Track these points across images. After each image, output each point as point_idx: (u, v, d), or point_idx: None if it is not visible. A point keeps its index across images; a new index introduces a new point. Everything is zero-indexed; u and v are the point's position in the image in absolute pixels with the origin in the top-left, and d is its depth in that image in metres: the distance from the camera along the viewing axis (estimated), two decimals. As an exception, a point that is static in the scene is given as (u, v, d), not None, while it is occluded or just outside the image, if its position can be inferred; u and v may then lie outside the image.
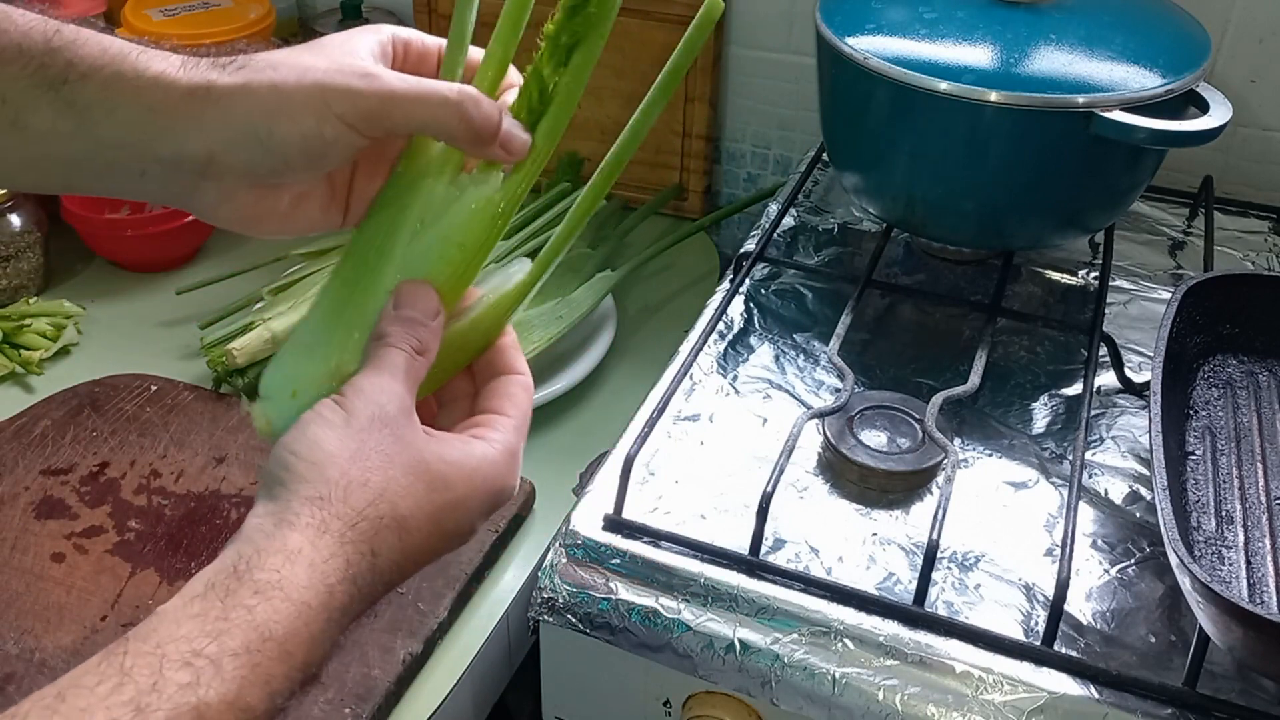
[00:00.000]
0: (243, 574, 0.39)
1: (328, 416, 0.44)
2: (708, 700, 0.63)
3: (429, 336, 0.47)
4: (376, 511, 0.42)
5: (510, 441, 0.48)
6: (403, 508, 0.43)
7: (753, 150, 1.10)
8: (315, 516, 0.41)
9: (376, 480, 0.43)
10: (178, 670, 0.37)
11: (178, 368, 0.89)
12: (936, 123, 0.75)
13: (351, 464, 0.43)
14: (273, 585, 0.39)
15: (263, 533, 0.41)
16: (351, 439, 0.43)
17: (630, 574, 0.63)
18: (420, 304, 0.47)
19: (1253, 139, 0.95)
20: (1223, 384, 0.73)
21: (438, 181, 0.48)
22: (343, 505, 0.42)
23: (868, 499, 0.68)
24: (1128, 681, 0.57)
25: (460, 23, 0.49)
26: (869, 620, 0.60)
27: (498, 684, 0.73)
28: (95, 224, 1.00)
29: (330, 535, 0.41)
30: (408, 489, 0.43)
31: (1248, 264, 0.89)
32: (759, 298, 0.85)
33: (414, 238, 0.48)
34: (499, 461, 0.47)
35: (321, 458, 0.42)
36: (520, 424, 0.49)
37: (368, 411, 0.44)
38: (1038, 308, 0.85)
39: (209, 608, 0.38)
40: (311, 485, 0.42)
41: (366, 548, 0.42)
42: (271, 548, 0.40)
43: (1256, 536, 0.62)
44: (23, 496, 0.76)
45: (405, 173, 0.48)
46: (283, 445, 0.44)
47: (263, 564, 0.40)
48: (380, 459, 0.43)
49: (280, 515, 0.41)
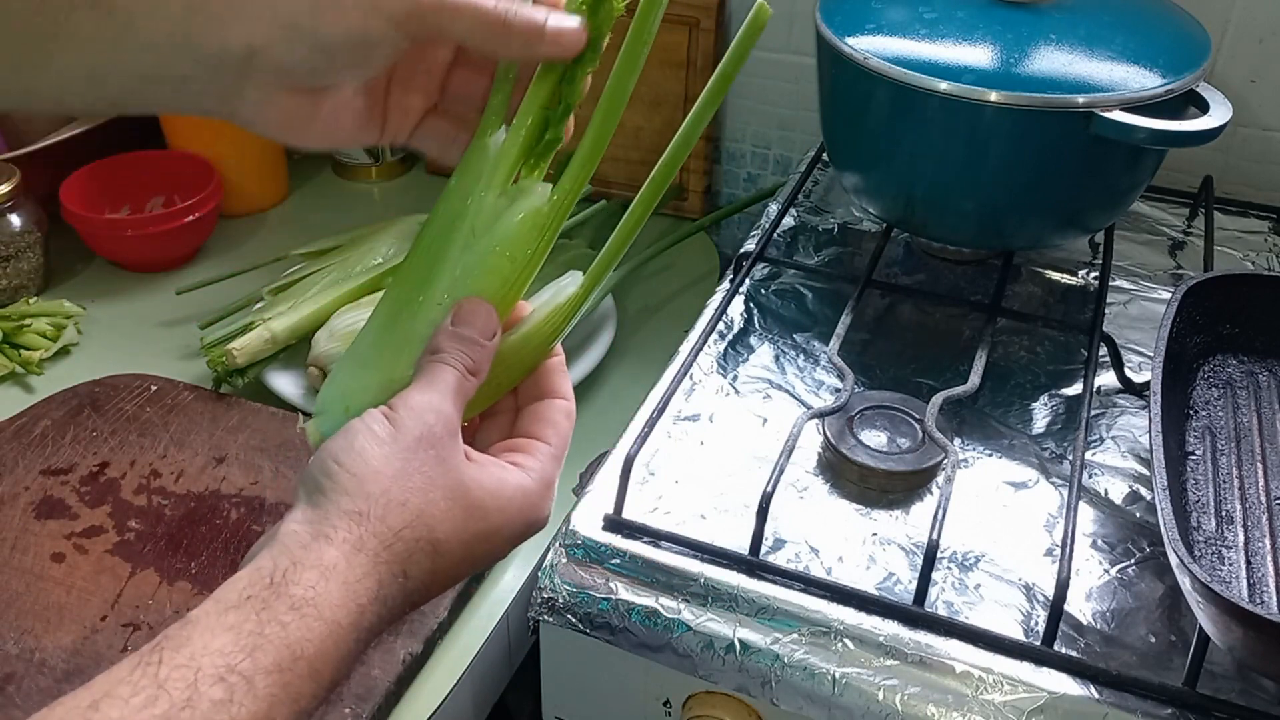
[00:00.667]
0: (279, 586, 0.39)
1: (375, 430, 0.44)
2: (708, 700, 0.63)
3: (483, 357, 0.47)
4: (413, 534, 0.42)
5: (548, 472, 0.48)
6: (439, 532, 0.43)
7: (753, 150, 1.10)
8: (352, 532, 0.41)
9: (416, 501, 0.43)
10: (212, 685, 0.37)
11: (178, 368, 0.89)
12: (936, 123, 0.75)
13: (394, 482, 0.42)
14: (308, 602, 0.39)
15: (299, 543, 0.41)
16: (397, 456, 0.43)
17: (630, 574, 0.63)
18: (479, 322, 0.47)
19: (1253, 139, 0.95)
20: (1223, 384, 0.73)
21: (487, 193, 0.47)
22: (380, 524, 0.42)
23: (868, 499, 0.68)
24: (1128, 681, 0.57)
25: None
26: (869, 620, 0.60)
27: (498, 684, 0.73)
28: (95, 224, 1.00)
29: (365, 554, 0.41)
30: (446, 513, 0.43)
31: (1248, 264, 0.89)
32: (759, 298, 0.85)
33: (465, 250, 0.47)
34: (534, 493, 0.47)
35: (365, 472, 0.42)
36: (559, 452, 0.49)
37: (416, 430, 0.44)
38: (1038, 308, 0.85)
39: (244, 620, 0.38)
40: (352, 499, 0.42)
41: (399, 569, 0.42)
42: (308, 560, 0.40)
43: (1256, 536, 0.62)
44: (23, 496, 0.76)
45: (457, 185, 0.48)
46: (328, 451, 0.43)
47: (299, 578, 0.40)
48: (422, 480, 0.43)
49: (318, 526, 0.41)
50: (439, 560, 0.43)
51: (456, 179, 0.48)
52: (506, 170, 0.48)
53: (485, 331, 0.47)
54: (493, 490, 0.45)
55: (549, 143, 0.48)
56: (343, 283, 0.89)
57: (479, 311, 0.47)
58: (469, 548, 0.44)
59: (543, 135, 0.48)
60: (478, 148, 0.48)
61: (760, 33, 0.47)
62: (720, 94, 0.48)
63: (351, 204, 1.15)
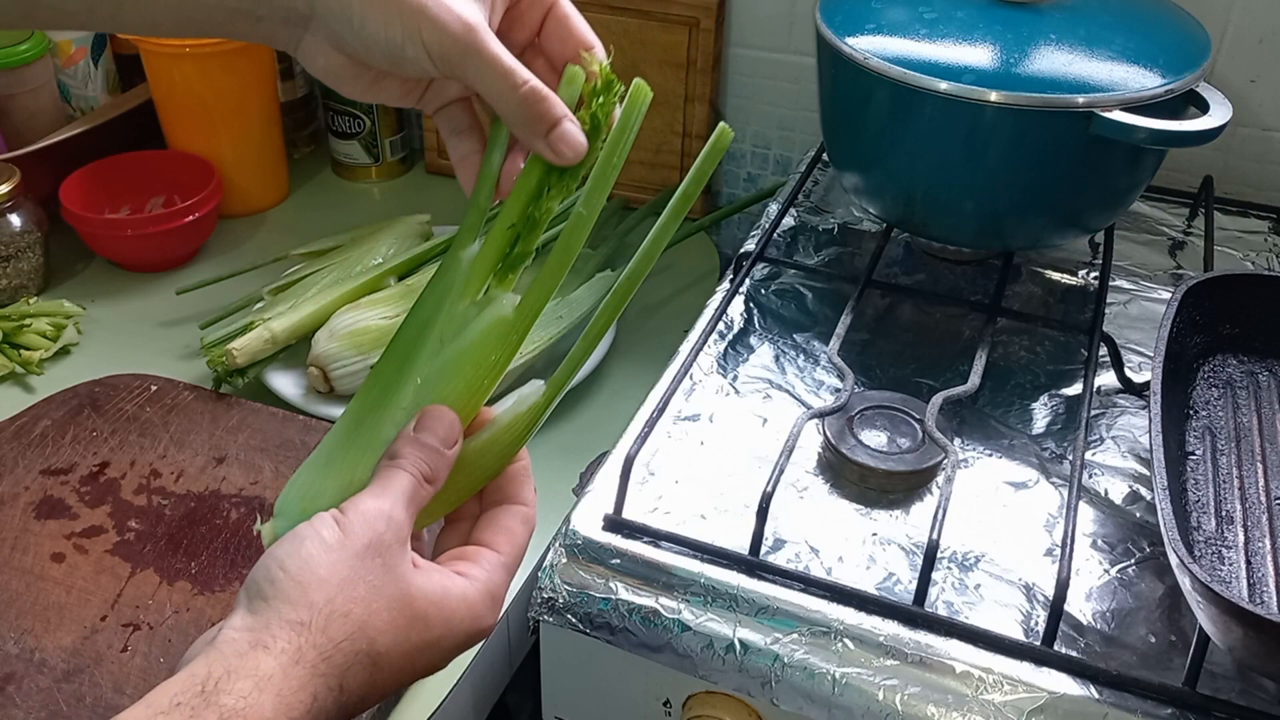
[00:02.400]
0: (210, 696, 0.39)
1: (324, 535, 0.43)
2: (708, 700, 0.63)
3: (441, 465, 0.47)
4: (354, 646, 0.42)
5: (494, 581, 0.47)
6: (380, 644, 0.43)
7: (753, 150, 1.10)
8: (292, 643, 0.41)
9: (359, 612, 0.42)
10: None
11: (178, 368, 0.90)
12: (936, 123, 0.75)
13: (339, 591, 0.42)
14: (238, 713, 0.39)
15: (236, 651, 0.41)
16: (344, 564, 0.43)
17: (630, 574, 0.63)
18: (441, 430, 0.47)
19: (1253, 139, 0.95)
20: (1223, 384, 0.73)
21: (458, 302, 0.49)
22: (321, 635, 0.41)
23: (868, 499, 0.68)
24: (1128, 681, 0.57)
25: None
26: (869, 620, 0.60)
27: (498, 684, 0.73)
28: (95, 224, 1.00)
29: (303, 665, 0.41)
30: (388, 624, 0.43)
31: (1248, 264, 0.89)
32: (759, 298, 0.85)
33: (432, 356, 0.49)
34: (477, 604, 0.46)
35: (310, 580, 0.42)
36: (511, 561, 0.49)
37: (365, 537, 0.44)
38: (1038, 308, 0.85)
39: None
40: (294, 608, 0.42)
41: (336, 682, 0.42)
42: (244, 669, 0.40)
43: (1256, 536, 0.62)
44: (23, 496, 0.76)
45: (429, 294, 0.49)
46: (274, 557, 0.43)
47: (232, 687, 0.39)
48: (366, 589, 0.43)
49: (258, 634, 0.41)
50: (377, 673, 0.43)
51: (429, 288, 0.50)
52: (477, 281, 0.49)
53: (447, 440, 0.47)
54: (436, 600, 0.45)
55: (519, 255, 0.50)
56: (343, 283, 0.89)
57: (442, 419, 0.48)
58: (409, 658, 0.44)
59: (513, 248, 0.49)
60: (451, 259, 0.50)
61: (722, 154, 0.49)
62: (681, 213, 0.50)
63: (351, 204, 1.15)
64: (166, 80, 1.05)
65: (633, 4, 1.02)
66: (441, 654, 0.46)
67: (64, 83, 1.10)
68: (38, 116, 1.08)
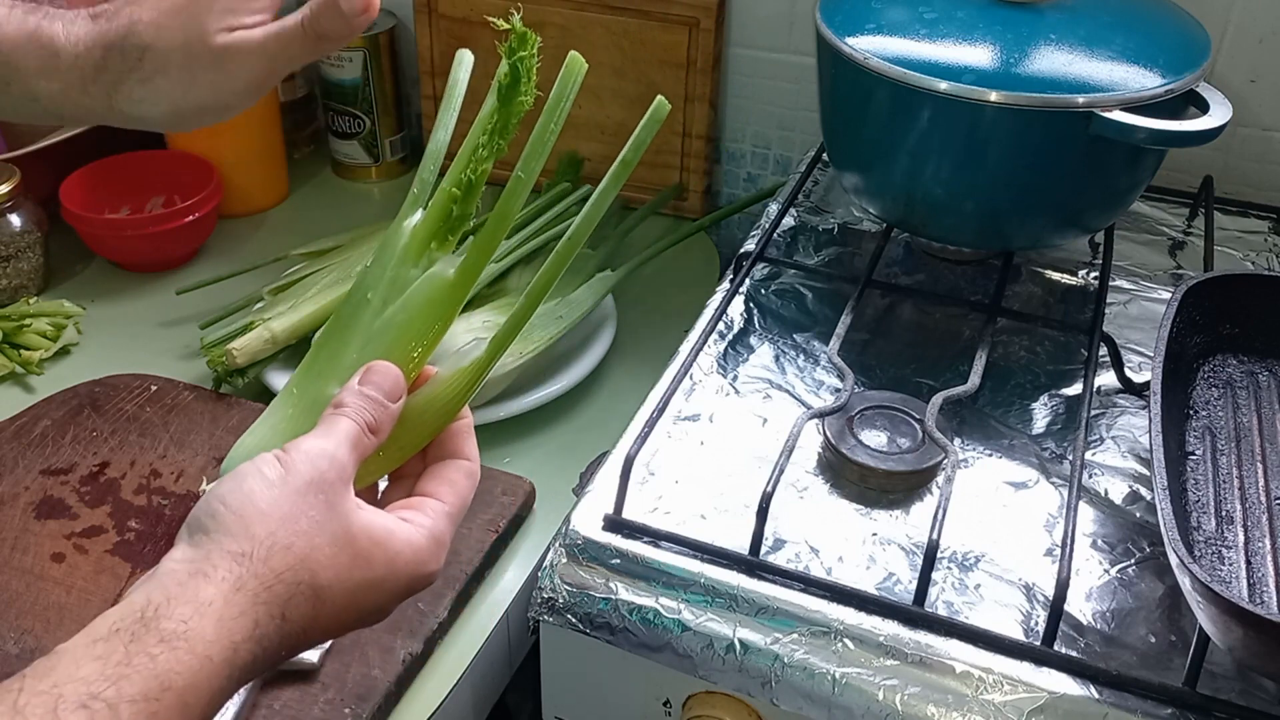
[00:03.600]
0: (150, 621, 0.39)
1: (265, 472, 0.44)
2: (708, 700, 0.63)
3: (385, 417, 0.48)
4: (295, 577, 0.42)
5: (438, 528, 0.48)
6: (322, 578, 0.43)
7: (753, 150, 1.10)
8: (232, 572, 0.41)
9: (300, 546, 0.42)
10: (72, 712, 0.36)
11: (178, 368, 0.89)
12: (936, 123, 0.75)
13: (280, 525, 0.42)
14: (178, 635, 0.39)
15: (176, 580, 0.41)
16: (285, 500, 0.43)
17: (630, 574, 0.63)
18: (386, 384, 0.48)
19: (1253, 139, 0.95)
20: (1223, 384, 0.73)
21: (401, 266, 0.51)
22: (262, 565, 0.42)
23: (868, 499, 0.68)
24: (1128, 681, 0.57)
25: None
26: (869, 620, 0.60)
27: (498, 684, 0.73)
28: (95, 224, 1.00)
29: (244, 593, 0.41)
30: (330, 559, 0.43)
31: (1248, 264, 0.89)
32: (759, 298, 0.85)
33: (375, 317, 0.50)
34: (422, 548, 0.46)
35: (251, 513, 0.42)
36: (455, 511, 0.49)
37: (307, 474, 0.44)
38: (1038, 308, 0.85)
39: (111, 651, 0.38)
40: (235, 540, 0.42)
41: (279, 610, 0.42)
42: (183, 596, 0.40)
43: (1256, 536, 0.62)
44: (23, 496, 0.76)
45: (374, 261, 0.52)
46: (215, 494, 0.43)
47: (171, 613, 0.39)
48: (309, 524, 0.43)
49: (198, 565, 0.41)
50: (320, 606, 0.43)
51: (374, 256, 0.52)
52: (419, 246, 0.51)
53: (391, 394, 0.48)
54: (380, 540, 0.45)
55: (458, 219, 0.52)
56: (343, 283, 0.89)
57: (387, 373, 0.48)
58: (352, 596, 0.44)
59: (451, 212, 0.51)
60: (394, 229, 0.52)
61: (659, 125, 0.51)
62: (621, 179, 0.52)
63: (351, 204, 1.15)
64: (166, 80, 1.05)
65: (633, 4, 1.02)
66: (384, 596, 0.46)
67: (64, 83, 1.10)
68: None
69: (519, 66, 0.50)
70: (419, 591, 0.47)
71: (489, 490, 0.75)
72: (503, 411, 0.81)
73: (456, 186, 0.51)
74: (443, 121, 0.53)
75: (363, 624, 0.46)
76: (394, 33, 1.12)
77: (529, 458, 0.82)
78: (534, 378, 0.84)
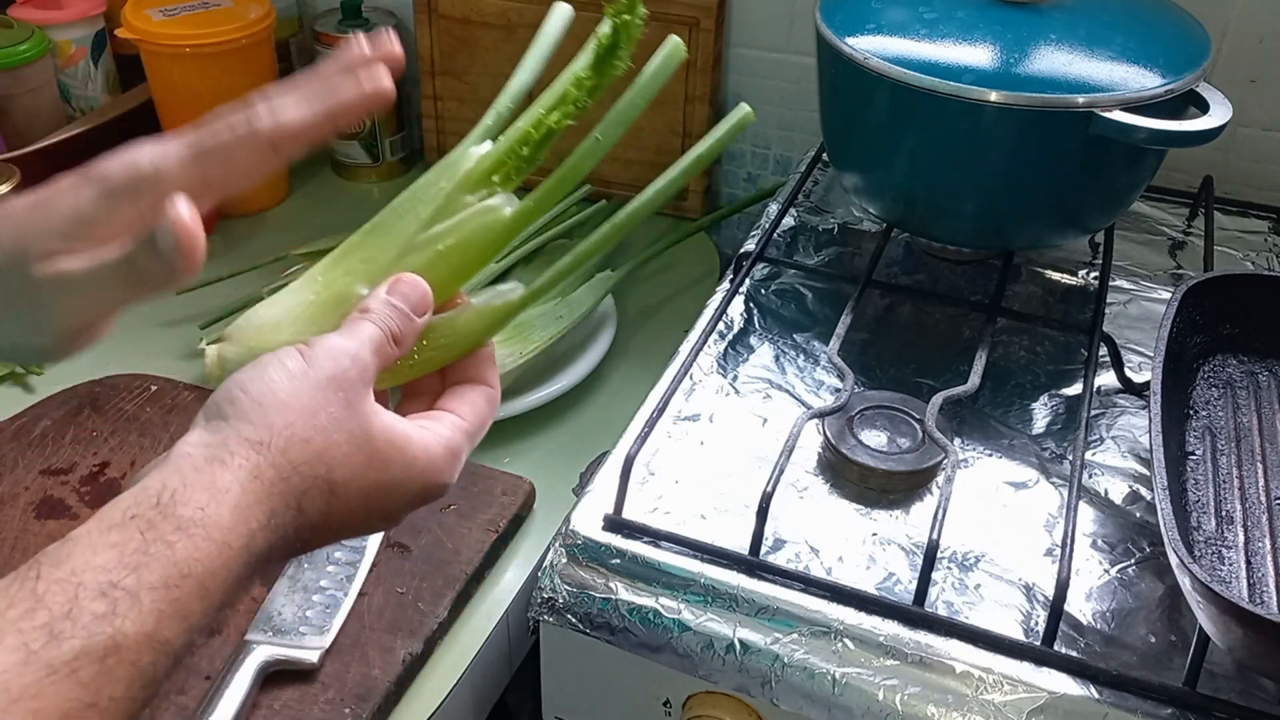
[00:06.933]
0: (166, 507, 0.39)
1: (288, 364, 0.43)
2: (708, 700, 0.63)
3: (409, 330, 0.47)
4: (311, 470, 0.42)
5: (455, 440, 0.47)
6: (338, 475, 0.43)
7: (753, 150, 1.10)
8: (250, 459, 0.41)
9: (318, 440, 0.42)
10: (94, 600, 0.36)
11: (178, 368, 0.89)
12: (936, 123, 0.75)
13: (299, 417, 0.42)
14: (195, 523, 0.39)
15: (192, 465, 0.40)
16: (305, 393, 0.43)
17: (630, 574, 0.63)
18: (414, 297, 0.48)
19: (1253, 139, 0.95)
20: (1223, 384, 0.73)
21: (459, 189, 0.50)
22: (280, 456, 0.41)
23: (868, 499, 0.68)
24: (1128, 681, 0.57)
25: None
26: (869, 620, 0.60)
27: (498, 684, 0.73)
28: (95, 224, 1.00)
29: (261, 481, 0.41)
30: (347, 457, 0.43)
31: (1248, 264, 0.89)
32: (759, 298, 0.85)
33: (420, 232, 0.49)
34: (437, 455, 0.46)
35: (271, 403, 0.42)
36: (473, 430, 0.49)
37: (329, 369, 0.44)
38: (1038, 308, 0.85)
39: (128, 538, 0.38)
40: (254, 427, 0.41)
41: (295, 501, 0.41)
42: (199, 483, 0.40)
43: (1256, 536, 0.62)
44: (23, 496, 0.76)
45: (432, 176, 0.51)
46: (235, 381, 0.43)
47: (188, 499, 0.39)
48: (327, 419, 0.43)
49: (214, 450, 0.41)
50: (334, 502, 0.43)
51: (433, 171, 0.51)
52: (482, 174, 0.50)
53: (418, 307, 0.48)
54: (397, 444, 0.45)
55: (527, 159, 0.51)
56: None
57: (415, 286, 0.48)
58: (367, 495, 0.44)
59: (523, 152, 0.50)
60: (460, 153, 0.51)
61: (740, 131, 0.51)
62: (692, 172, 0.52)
63: (351, 204, 1.15)
64: (166, 80, 1.05)
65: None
66: (397, 501, 0.46)
67: (64, 83, 1.10)
68: (38, 116, 1.07)
69: (621, 30, 0.49)
70: (431, 501, 0.47)
71: (489, 490, 0.75)
72: (503, 411, 0.81)
73: (534, 128, 0.50)
74: (528, 65, 0.53)
75: (372, 528, 0.46)
76: (394, 33, 1.11)
77: (529, 458, 0.82)
78: (534, 378, 0.84)
